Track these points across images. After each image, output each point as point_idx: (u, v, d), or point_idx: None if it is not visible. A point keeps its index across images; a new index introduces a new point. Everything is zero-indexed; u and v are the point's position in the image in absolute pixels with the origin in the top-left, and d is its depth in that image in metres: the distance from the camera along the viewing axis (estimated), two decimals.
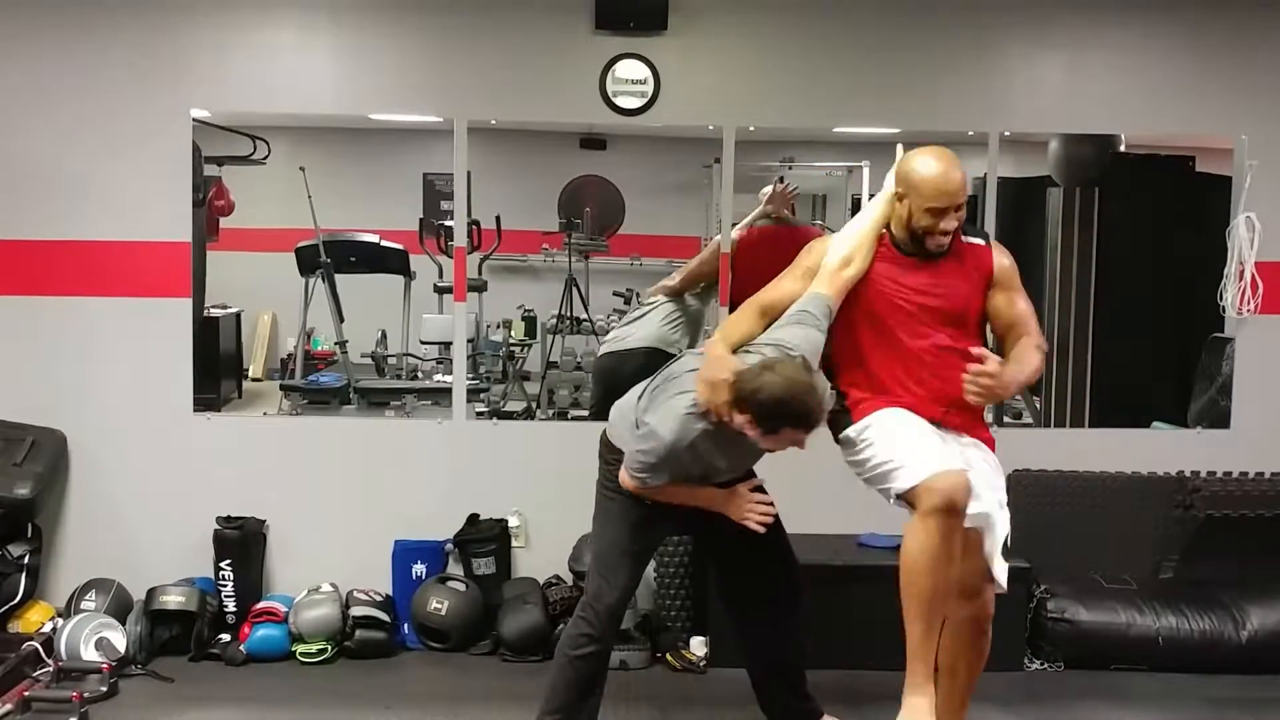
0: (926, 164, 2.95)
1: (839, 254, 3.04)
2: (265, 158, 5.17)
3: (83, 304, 4.47)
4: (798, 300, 3.03)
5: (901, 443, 2.93)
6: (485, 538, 4.48)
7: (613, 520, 3.22)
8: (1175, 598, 4.31)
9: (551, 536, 4.49)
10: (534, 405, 5.43)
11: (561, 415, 5.09)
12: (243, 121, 4.91)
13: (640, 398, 3.11)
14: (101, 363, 4.47)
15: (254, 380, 6.02)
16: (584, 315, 5.48)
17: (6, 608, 4.24)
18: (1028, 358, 3.04)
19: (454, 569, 4.51)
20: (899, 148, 3.14)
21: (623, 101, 4.49)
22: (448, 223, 5.25)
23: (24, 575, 4.29)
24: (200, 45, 4.42)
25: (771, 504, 3.12)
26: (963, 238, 3.07)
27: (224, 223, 5.18)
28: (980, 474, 3.00)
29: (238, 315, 5.65)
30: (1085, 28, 4.61)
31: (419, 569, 4.45)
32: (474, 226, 4.77)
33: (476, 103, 4.50)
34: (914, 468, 2.86)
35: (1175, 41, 4.63)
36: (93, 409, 4.47)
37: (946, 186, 2.92)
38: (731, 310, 4.67)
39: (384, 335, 5.85)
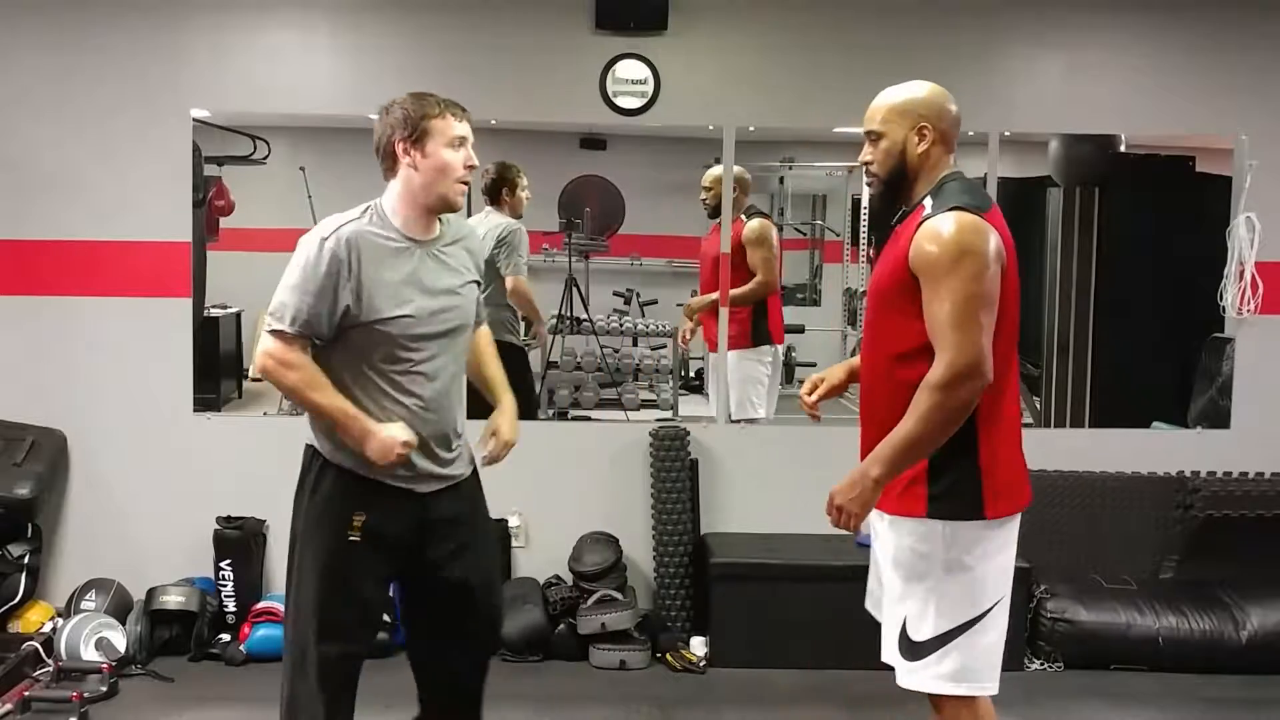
0: None
1: None
2: (265, 158, 5.16)
3: (83, 304, 4.47)
4: None
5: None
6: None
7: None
8: (1175, 598, 4.31)
9: (551, 536, 4.50)
10: (534, 405, 5.43)
11: (561, 415, 5.09)
12: (243, 121, 4.90)
13: None
14: (101, 363, 4.47)
15: (254, 380, 6.00)
16: (584, 315, 5.47)
17: (6, 608, 4.24)
18: (899, 426, 2.30)
19: None
20: None
21: (623, 101, 4.49)
22: None
23: (24, 575, 4.29)
24: (200, 45, 4.43)
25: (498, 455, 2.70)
26: (925, 205, 2.44)
27: (224, 223, 5.17)
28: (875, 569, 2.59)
29: (238, 315, 5.63)
30: (1085, 28, 4.61)
31: None
32: None
33: (476, 103, 4.47)
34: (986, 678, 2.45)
35: (1175, 41, 4.63)
36: (93, 409, 4.48)
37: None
38: (734, 308, 4.69)
39: None
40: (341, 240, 2.53)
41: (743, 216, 4.69)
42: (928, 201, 2.44)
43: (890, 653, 2.51)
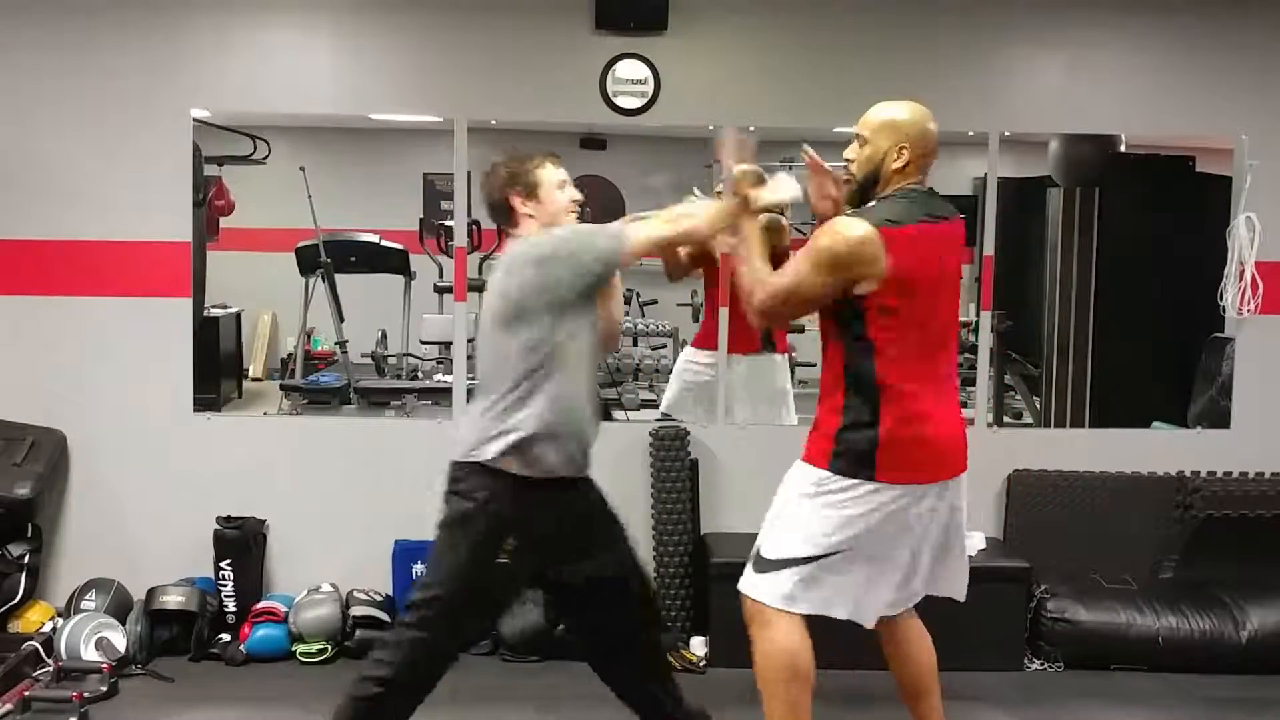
0: None
1: None
2: (265, 158, 5.17)
3: (83, 304, 4.47)
4: None
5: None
6: None
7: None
8: (1175, 598, 4.31)
9: None
10: None
11: None
12: (243, 121, 4.91)
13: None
14: (101, 363, 4.47)
15: (254, 380, 6.01)
16: None
17: (6, 608, 4.24)
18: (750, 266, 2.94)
19: None
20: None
21: (623, 101, 4.49)
22: (448, 223, 5.25)
23: (24, 575, 4.28)
24: (200, 45, 4.42)
25: None
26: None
27: (224, 223, 5.18)
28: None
29: (238, 315, 5.65)
30: (1085, 28, 4.61)
31: (419, 569, 4.44)
32: (474, 226, 4.76)
33: (476, 103, 4.50)
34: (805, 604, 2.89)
35: (1175, 41, 4.63)
36: (93, 409, 4.47)
37: None
38: (732, 309, 4.68)
39: (384, 335, 5.85)
40: None
41: None
42: (871, 205, 2.89)
43: (748, 565, 2.98)
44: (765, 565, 2.91)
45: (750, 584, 2.95)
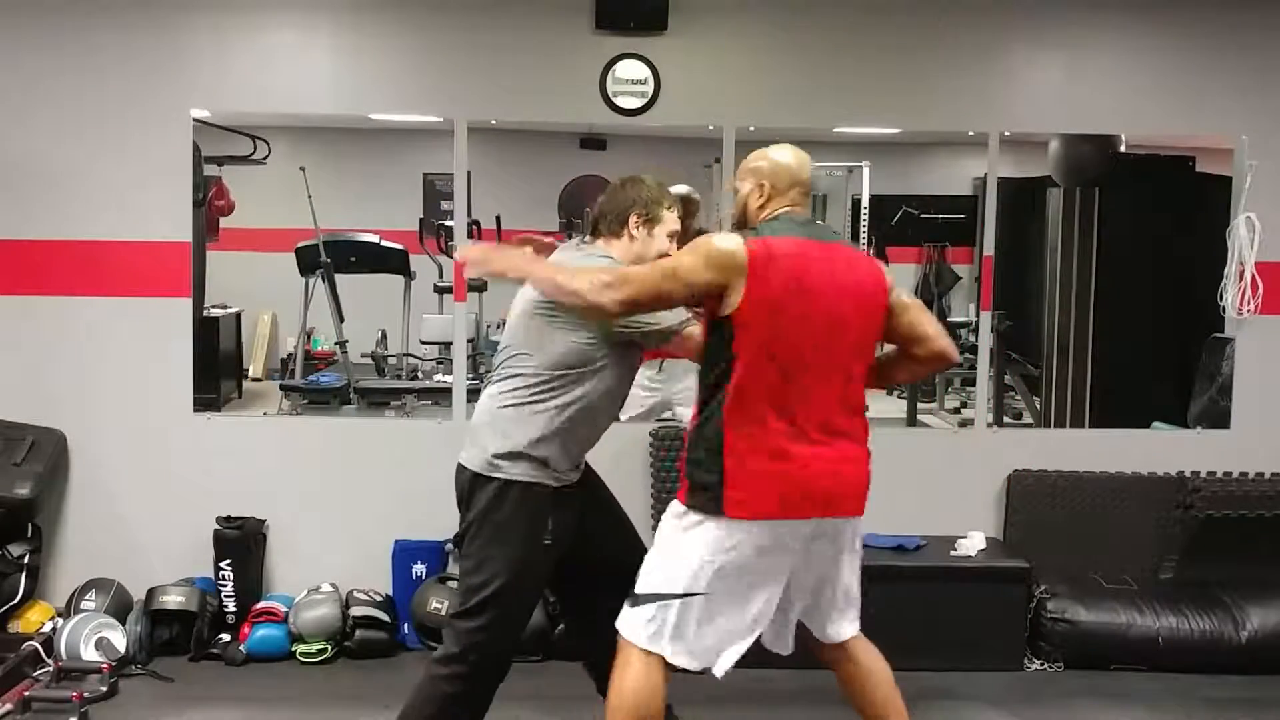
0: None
1: None
2: (265, 158, 5.17)
3: (83, 304, 4.47)
4: None
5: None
6: None
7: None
8: (1175, 598, 4.31)
9: None
10: None
11: None
12: (243, 121, 4.90)
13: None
14: (101, 363, 4.47)
15: (254, 380, 6.02)
16: None
17: (6, 608, 4.24)
18: (567, 275, 2.82)
19: (454, 569, 4.50)
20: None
21: (623, 101, 4.49)
22: (448, 223, 5.25)
23: (24, 575, 4.29)
24: (200, 45, 4.42)
25: None
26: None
27: (224, 223, 5.18)
28: None
29: (238, 315, 5.65)
30: (1085, 28, 4.61)
31: (419, 569, 4.45)
32: (474, 226, 4.77)
33: (476, 103, 4.50)
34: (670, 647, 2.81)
35: (1175, 41, 4.63)
36: (93, 409, 4.47)
37: None
38: None
39: (384, 335, 5.85)
40: None
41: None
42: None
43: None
44: (634, 600, 2.85)
45: (621, 619, 2.87)
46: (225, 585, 4.33)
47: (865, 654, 2.97)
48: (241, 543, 4.36)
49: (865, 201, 5.58)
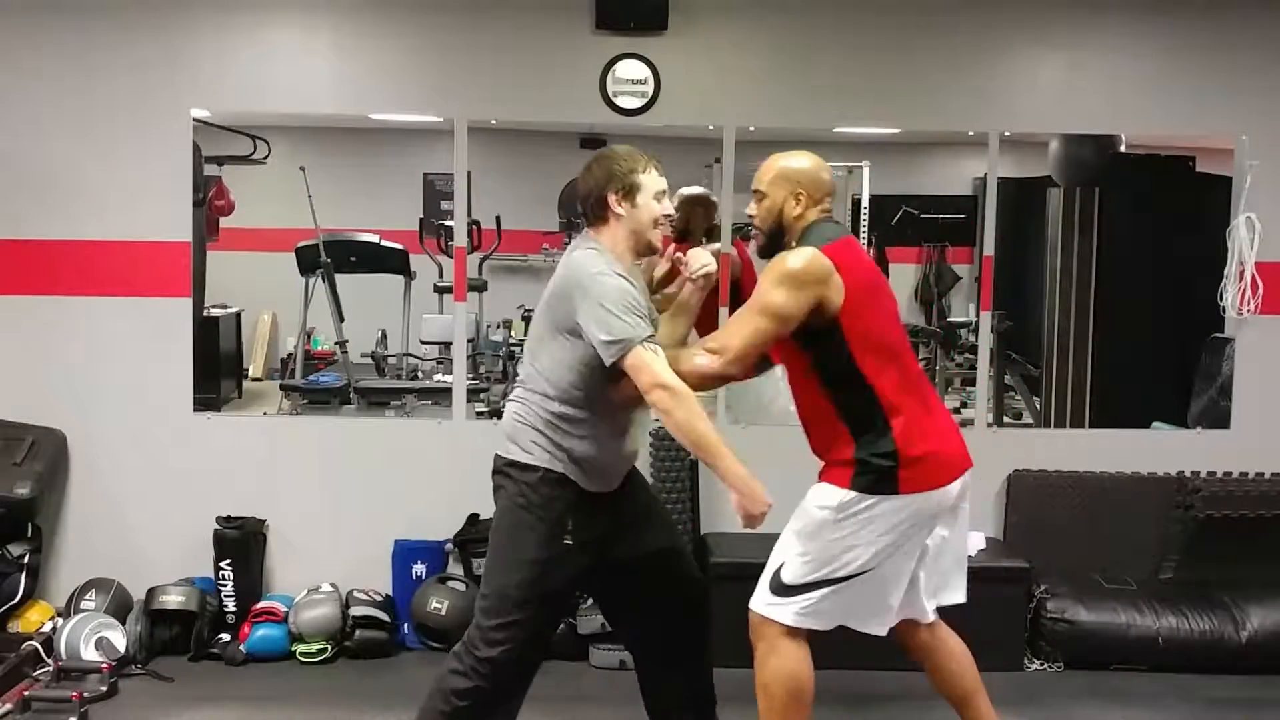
0: None
1: None
2: (265, 158, 5.17)
3: (83, 304, 4.47)
4: None
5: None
6: (485, 538, 4.43)
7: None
8: (1175, 598, 4.31)
9: None
10: None
11: None
12: (243, 121, 4.90)
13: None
14: (101, 363, 4.47)
15: (254, 380, 6.01)
16: None
17: (6, 608, 4.24)
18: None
19: (454, 569, 4.51)
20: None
21: (623, 101, 4.49)
22: (448, 223, 5.25)
23: (24, 575, 4.29)
24: (200, 45, 4.42)
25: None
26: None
27: (224, 223, 5.17)
28: None
29: (238, 315, 5.64)
30: (1085, 28, 4.61)
31: (419, 569, 4.45)
32: (474, 226, 4.76)
33: (476, 103, 4.50)
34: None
35: (1175, 41, 4.63)
36: (93, 409, 4.47)
37: None
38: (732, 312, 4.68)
39: (384, 335, 5.85)
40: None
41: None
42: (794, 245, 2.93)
43: (762, 585, 2.96)
44: (786, 590, 2.91)
45: (765, 604, 2.94)
46: (225, 585, 4.33)
47: (951, 636, 3.10)
48: (241, 542, 4.36)
49: (865, 202, 5.58)
